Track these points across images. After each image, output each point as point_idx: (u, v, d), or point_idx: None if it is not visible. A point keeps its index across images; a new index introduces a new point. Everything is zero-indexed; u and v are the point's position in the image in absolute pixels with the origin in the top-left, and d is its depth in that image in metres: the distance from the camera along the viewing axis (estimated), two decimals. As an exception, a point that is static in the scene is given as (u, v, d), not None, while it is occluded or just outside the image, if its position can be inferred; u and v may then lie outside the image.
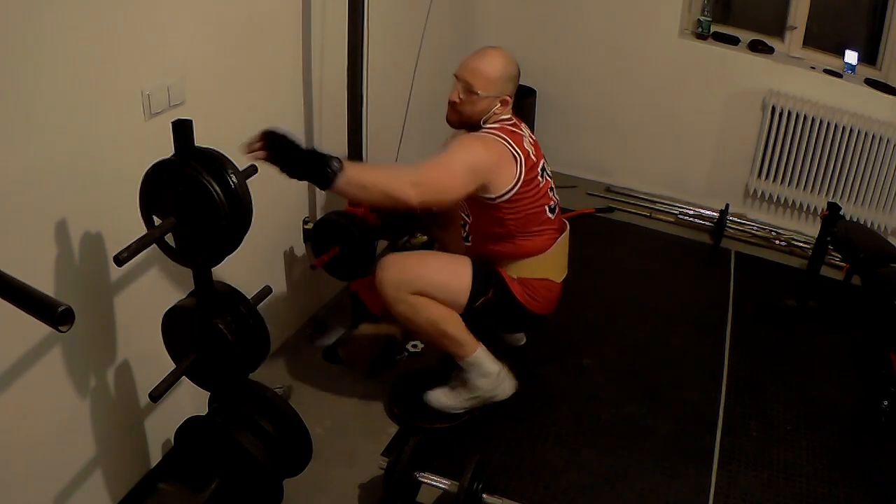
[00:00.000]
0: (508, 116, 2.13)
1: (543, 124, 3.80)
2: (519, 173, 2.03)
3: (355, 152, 2.36)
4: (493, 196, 2.03)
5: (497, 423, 2.29)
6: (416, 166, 1.95)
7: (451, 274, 2.12)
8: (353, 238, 2.26)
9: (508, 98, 2.09)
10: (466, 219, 2.20)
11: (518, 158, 2.03)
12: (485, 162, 1.99)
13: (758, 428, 2.35)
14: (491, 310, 2.14)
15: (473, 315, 2.14)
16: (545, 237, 2.17)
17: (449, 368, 2.28)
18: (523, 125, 2.18)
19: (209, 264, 1.59)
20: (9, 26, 1.32)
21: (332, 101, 2.41)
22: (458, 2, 3.45)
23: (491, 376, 2.21)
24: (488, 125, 2.08)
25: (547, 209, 2.16)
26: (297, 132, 2.30)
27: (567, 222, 2.30)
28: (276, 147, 1.68)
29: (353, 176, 1.78)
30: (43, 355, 1.55)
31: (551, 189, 2.20)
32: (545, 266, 2.19)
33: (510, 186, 2.03)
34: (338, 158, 1.74)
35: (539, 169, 2.12)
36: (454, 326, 2.11)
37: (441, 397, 2.25)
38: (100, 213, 1.63)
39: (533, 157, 2.10)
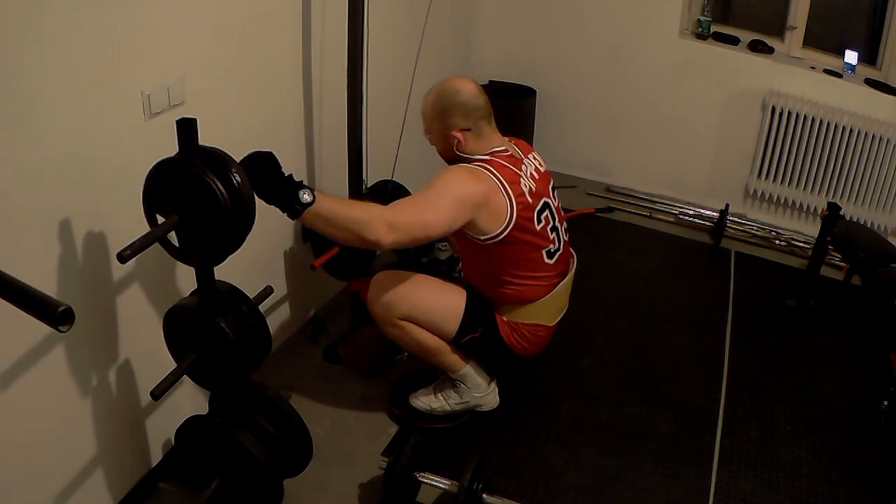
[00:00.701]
0: (501, 147, 1.99)
1: (543, 124, 3.80)
2: (510, 215, 1.91)
3: (355, 152, 2.36)
4: (482, 237, 1.93)
5: (497, 423, 2.29)
6: (395, 205, 1.84)
7: (443, 307, 2.06)
8: None
9: (460, 132, 1.94)
10: (457, 255, 2.14)
11: (508, 199, 1.90)
12: (473, 195, 1.86)
13: (758, 428, 2.35)
14: (477, 345, 2.13)
15: (458, 346, 2.13)
16: (541, 286, 2.07)
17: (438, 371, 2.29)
18: (527, 155, 2.06)
19: (212, 263, 1.59)
20: (9, 26, 1.32)
21: (332, 101, 2.41)
22: (458, 2, 3.45)
23: (480, 388, 2.23)
24: (477, 156, 1.96)
25: (545, 254, 2.04)
26: (296, 132, 2.31)
27: (574, 256, 2.19)
28: (253, 168, 1.60)
29: (323, 209, 1.66)
30: (43, 355, 1.55)
31: (553, 229, 2.06)
32: (537, 313, 2.11)
33: (500, 228, 1.91)
34: (311, 190, 1.64)
35: (536, 211, 1.98)
36: (442, 353, 2.13)
37: (426, 401, 2.26)
38: (99, 213, 1.63)
39: (529, 196, 1.95)
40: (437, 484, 1.96)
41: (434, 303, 2.06)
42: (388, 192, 2.41)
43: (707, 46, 3.48)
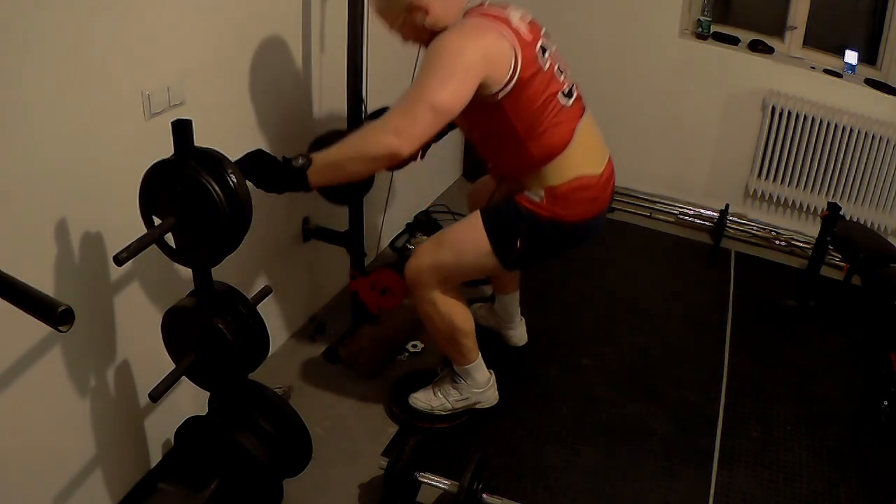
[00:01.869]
0: (474, 5, 1.82)
1: (543, 124, 3.79)
2: (514, 56, 1.72)
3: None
4: (495, 90, 1.75)
5: (497, 423, 2.29)
6: (388, 112, 1.69)
7: (465, 245, 1.97)
8: None
9: (419, 3, 1.74)
10: (475, 140, 1.95)
11: (508, 38, 1.73)
12: (473, 53, 1.68)
13: (758, 428, 2.35)
14: (532, 252, 1.96)
15: (520, 263, 1.98)
16: (562, 128, 1.85)
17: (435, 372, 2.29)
18: (508, 6, 1.84)
19: (209, 264, 1.59)
20: (9, 26, 1.32)
21: (332, 101, 2.41)
22: (458, 2, 3.44)
23: (480, 385, 2.22)
24: (453, 20, 1.78)
25: (560, 96, 1.85)
26: (297, 132, 2.31)
27: (584, 104, 1.97)
28: (250, 170, 1.62)
29: (320, 161, 1.62)
30: (43, 355, 1.55)
31: (560, 71, 1.87)
32: (572, 162, 1.88)
33: (509, 74, 1.73)
34: (302, 155, 1.63)
35: (538, 49, 1.80)
36: (467, 337, 2.11)
37: (425, 399, 2.25)
38: (100, 213, 1.63)
39: (525, 34, 1.78)
40: (437, 484, 1.96)
41: (455, 246, 1.98)
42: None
43: (707, 46, 3.47)
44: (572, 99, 1.89)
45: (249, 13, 2.00)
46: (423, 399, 2.25)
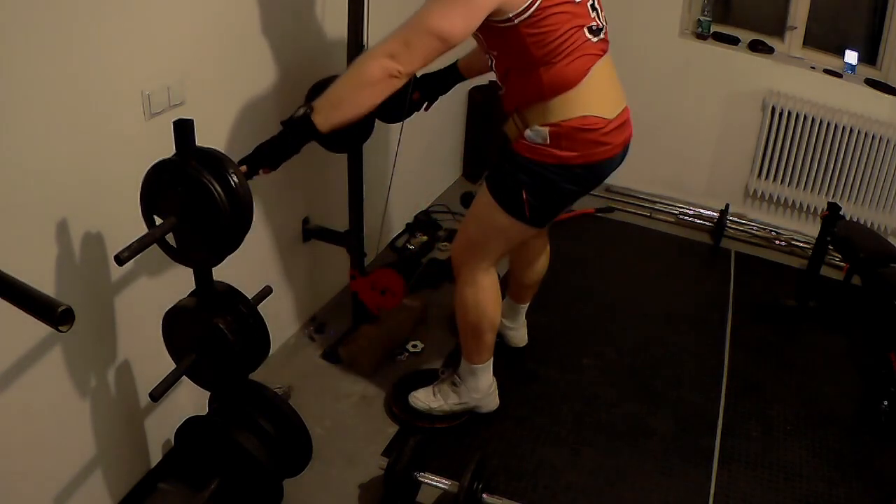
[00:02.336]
0: None
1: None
2: None
3: (356, 153, 2.36)
4: (511, 15, 1.63)
5: (497, 423, 2.29)
6: (386, 37, 1.63)
7: (482, 213, 1.95)
8: None
9: None
10: (492, 59, 1.82)
11: None
12: None
13: (758, 428, 2.35)
14: (543, 200, 1.87)
15: (538, 216, 1.90)
16: (579, 63, 1.73)
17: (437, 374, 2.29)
18: None
19: (210, 264, 1.59)
20: (9, 26, 1.32)
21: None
22: None
23: (482, 390, 2.23)
24: None
25: (586, 31, 1.73)
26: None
27: (608, 49, 1.84)
28: (261, 155, 1.63)
29: (320, 104, 1.61)
30: (43, 355, 1.55)
31: (593, 7, 1.76)
32: (581, 100, 1.75)
33: (528, 2, 1.62)
34: (300, 106, 1.62)
35: None
36: (489, 333, 2.12)
37: (425, 399, 2.26)
38: (100, 213, 1.63)
39: None
40: (437, 484, 1.96)
41: (479, 221, 1.98)
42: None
43: (707, 46, 3.47)
44: (598, 38, 1.77)
45: (249, 13, 2.00)
46: (423, 398, 2.25)
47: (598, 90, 1.78)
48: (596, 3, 1.79)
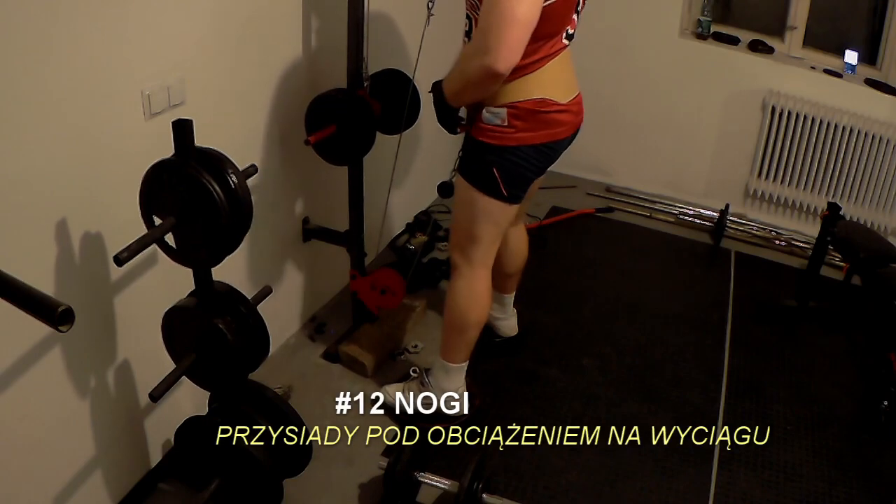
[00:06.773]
0: None
1: (543, 124, 3.79)
2: None
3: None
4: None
5: (497, 422, 2.29)
6: (474, 35, 1.75)
7: (465, 201, 2.01)
8: (351, 118, 2.15)
9: None
10: (472, 20, 1.88)
11: None
12: None
13: (758, 428, 2.35)
14: (513, 175, 1.93)
15: (513, 192, 1.95)
16: (545, 62, 1.84)
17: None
18: None
19: (209, 264, 1.59)
20: (9, 26, 1.32)
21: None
22: (460, 2, 3.44)
23: (447, 391, 2.21)
24: None
25: (564, 35, 1.85)
26: (297, 132, 2.31)
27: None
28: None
29: (447, 90, 1.84)
30: (43, 355, 1.55)
31: (577, 11, 1.86)
32: (537, 83, 1.84)
33: None
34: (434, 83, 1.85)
35: None
36: (473, 330, 2.12)
37: (392, 393, 2.26)
38: (100, 213, 1.63)
39: None
40: (437, 484, 1.96)
41: (464, 209, 2.04)
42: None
43: (707, 46, 3.47)
44: (569, 42, 1.89)
45: (249, 13, 2.00)
46: (391, 392, 2.27)
47: (552, 77, 1.87)
48: (580, 8, 1.87)
